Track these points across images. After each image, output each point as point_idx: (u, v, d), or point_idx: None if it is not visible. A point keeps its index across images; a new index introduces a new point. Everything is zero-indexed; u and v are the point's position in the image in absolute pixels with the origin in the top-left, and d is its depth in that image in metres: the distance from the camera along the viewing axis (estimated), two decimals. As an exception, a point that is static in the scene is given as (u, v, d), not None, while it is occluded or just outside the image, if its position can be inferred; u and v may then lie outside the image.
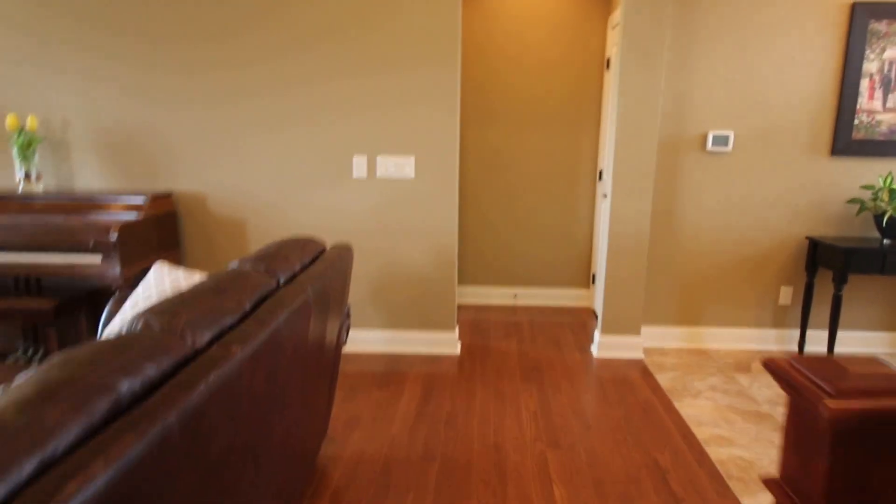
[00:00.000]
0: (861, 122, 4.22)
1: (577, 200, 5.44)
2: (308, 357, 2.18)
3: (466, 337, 4.75)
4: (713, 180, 4.30)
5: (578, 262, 5.55)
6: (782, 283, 4.44)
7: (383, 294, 4.33)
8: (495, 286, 5.63)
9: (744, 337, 4.51)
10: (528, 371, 4.09)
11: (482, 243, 5.55)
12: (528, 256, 5.56)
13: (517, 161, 5.39)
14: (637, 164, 4.05)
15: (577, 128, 5.32)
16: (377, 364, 4.18)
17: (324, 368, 2.54)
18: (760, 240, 4.38)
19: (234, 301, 1.76)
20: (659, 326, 4.54)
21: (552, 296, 5.61)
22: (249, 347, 1.56)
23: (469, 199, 5.48)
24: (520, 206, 5.47)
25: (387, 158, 4.13)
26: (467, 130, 5.36)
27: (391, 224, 4.22)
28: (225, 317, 1.67)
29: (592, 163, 5.37)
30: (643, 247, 4.16)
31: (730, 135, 4.21)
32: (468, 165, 5.41)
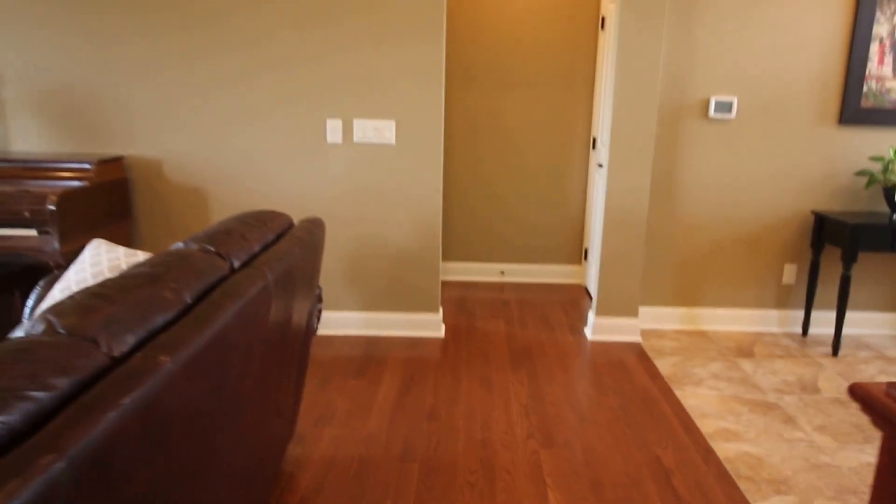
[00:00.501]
0: (870, 90, 3.92)
1: (569, 170, 5.12)
2: (269, 353, 1.86)
3: (451, 317, 4.44)
4: (715, 150, 3.99)
5: (570, 236, 5.24)
6: (786, 260, 4.16)
7: (361, 272, 4.01)
8: (482, 262, 5.32)
9: (745, 318, 4.24)
10: (517, 356, 3.80)
11: (468, 216, 5.22)
12: (517, 231, 5.25)
13: (505, 127, 5.05)
14: (636, 131, 3.73)
15: (570, 92, 4.98)
16: (354, 348, 3.86)
17: (289, 363, 2.22)
18: (763, 215, 4.09)
19: (171, 292, 1.43)
20: (656, 307, 4.26)
21: (542, 272, 5.31)
22: (185, 354, 1.23)
23: (454, 168, 5.14)
24: (508, 177, 5.14)
25: (365, 122, 3.78)
26: (452, 94, 5.00)
27: (370, 194, 3.88)
28: (157, 314, 1.34)
29: (586, 130, 5.04)
30: (641, 222, 3.86)
31: (733, 101, 3.90)
32: (452, 132, 5.07)
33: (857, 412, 3.20)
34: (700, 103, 3.94)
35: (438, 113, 3.76)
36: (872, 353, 3.96)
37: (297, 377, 2.50)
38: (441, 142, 3.80)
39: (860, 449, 2.86)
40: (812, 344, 4.06)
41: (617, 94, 3.71)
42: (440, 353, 3.80)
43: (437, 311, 4.06)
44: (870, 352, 3.97)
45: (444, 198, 5.19)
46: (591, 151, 5.05)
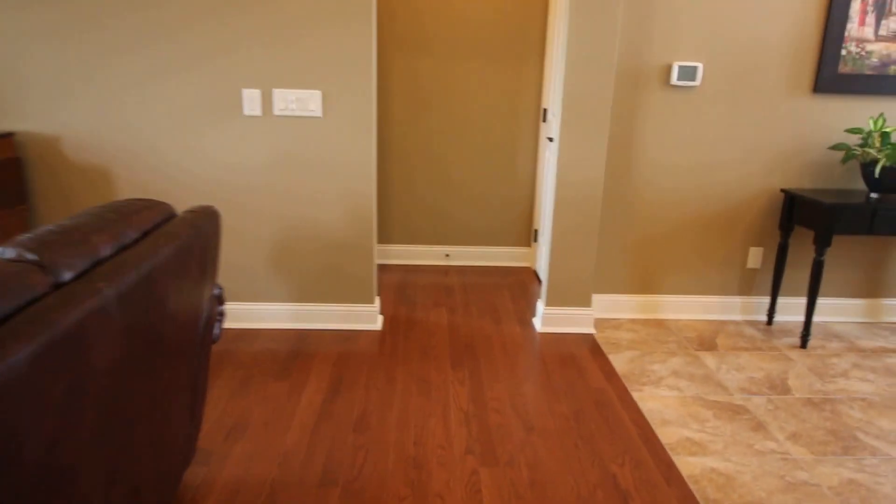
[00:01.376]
0: (849, 53, 3.59)
1: (518, 145, 4.73)
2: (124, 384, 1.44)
3: (390, 306, 4.04)
4: (677, 122, 3.63)
5: (519, 216, 4.87)
6: (752, 243, 3.85)
7: (288, 260, 3.58)
8: (425, 244, 4.92)
9: (706, 306, 3.93)
10: (459, 351, 3.43)
11: (410, 195, 4.81)
12: (463, 210, 4.85)
13: (449, 98, 4.63)
14: (590, 100, 3.35)
15: (519, 59, 4.57)
16: (281, 344, 3.45)
17: (173, 386, 1.80)
18: (728, 193, 3.76)
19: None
20: (610, 294, 3.92)
21: (489, 255, 4.94)
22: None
23: (393, 143, 4.71)
24: (454, 153, 4.73)
25: (286, 92, 3.33)
26: (391, 62, 4.55)
27: (294, 174, 3.45)
28: None
29: (536, 101, 4.65)
30: (596, 202, 3.50)
31: (698, 67, 3.54)
32: (391, 103, 4.63)
33: (832, 416, 2.91)
34: (661, 69, 3.57)
35: (370, 82, 3.33)
36: (843, 343, 3.68)
37: (192, 395, 2.09)
38: (374, 115, 3.38)
39: (839, 462, 2.56)
40: (778, 334, 3.77)
41: (569, 59, 3.31)
42: (375, 349, 3.41)
43: (374, 302, 3.67)
44: (840, 342, 3.69)
45: (385, 175, 4.77)
46: (542, 124, 4.66)
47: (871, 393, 3.13)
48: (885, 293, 3.97)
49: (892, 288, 3.97)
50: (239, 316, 3.63)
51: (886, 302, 3.98)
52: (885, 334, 3.83)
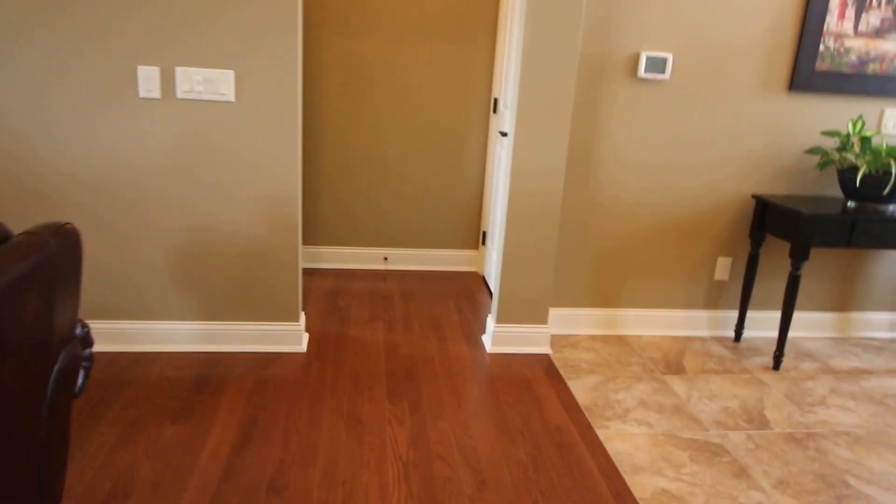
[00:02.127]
0: (827, 49, 3.26)
1: (466, 137, 4.28)
2: None
3: (318, 321, 3.55)
4: (644, 119, 3.24)
5: (465, 216, 4.43)
6: (720, 253, 3.50)
7: (195, 271, 3.05)
8: (362, 247, 4.43)
9: (670, 321, 3.57)
10: (398, 378, 2.97)
11: (344, 192, 4.31)
12: (404, 209, 4.38)
13: (391, 84, 4.14)
14: (550, 92, 2.92)
15: (468, 40, 4.11)
16: (185, 372, 2.92)
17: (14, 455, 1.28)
18: (698, 198, 3.39)
19: None
20: (567, 308, 3.51)
21: (432, 258, 4.48)
22: None
23: (326, 133, 4.19)
24: (393, 144, 4.25)
25: (192, 71, 2.79)
26: (324, 41, 4.03)
27: (203, 170, 2.92)
28: None
29: (486, 88, 4.20)
30: (555, 208, 3.08)
31: (668, 58, 3.15)
32: (325, 89, 4.11)
33: (818, 456, 2.57)
34: (628, 59, 3.16)
35: (295, 63, 2.82)
36: (816, 364, 3.37)
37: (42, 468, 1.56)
38: (298, 102, 2.87)
39: (841, 523, 2.21)
40: (748, 352, 3.43)
41: (527, 43, 2.87)
42: (299, 377, 2.92)
43: (298, 320, 3.17)
44: (813, 362, 3.38)
45: (316, 169, 4.25)
46: (492, 116, 4.21)
47: (855, 425, 2.81)
48: (854, 307, 3.69)
49: (861, 301, 3.69)
50: (134, 338, 3.08)
51: (856, 316, 3.70)
52: (857, 351, 3.54)
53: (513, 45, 3.67)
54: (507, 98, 3.83)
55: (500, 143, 4.00)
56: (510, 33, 3.79)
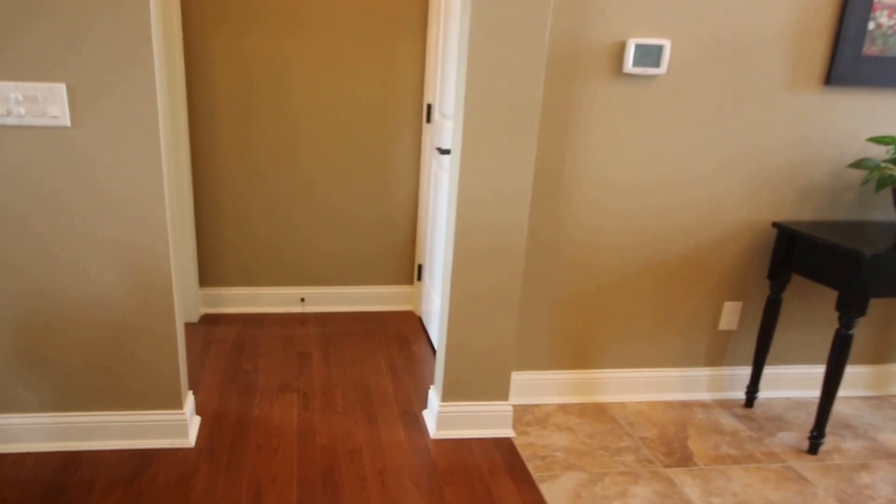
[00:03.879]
0: (879, 28, 2.55)
1: (393, 153, 3.50)
2: None
3: (214, 394, 2.74)
4: (630, 127, 2.52)
5: (396, 247, 3.65)
6: (727, 296, 2.81)
7: (39, 351, 2.24)
8: (273, 286, 3.61)
9: (663, 382, 2.87)
10: (313, 488, 2.21)
11: (250, 222, 3.47)
12: (321, 240, 3.58)
13: (299, 91, 3.32)
14: (509, 95, 2.18)
15: (392, 33, 3.31)
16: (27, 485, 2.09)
17: None
18: (698, 227, 2.69)
19: None
20: (532, 372, 2.79)
21: (358, 297, 3.70)
22: None
23: (224, 152, 3.35)
24: (306, 164, 3.44)
25: (5, 87, 1.95)
26: (207, 39, 3.17)
27: (34, 217, 2.09)
28: None
29: (416, 92, 3.42)
30: (517, 247, 2.34)
31: (664, 46, 2.42)
32: (215, 99, 3.26)
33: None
34: (611, 50, 2.43)
35: (150, 69, 2.01)
36: (862, 441, 2.68)
37: None
38: (160, 120, 2.07)
39: None
40: (768, 424, 2.75)
41: (475, 33, 2.11)
42: (181, 490, 2.12)
43: (181, 406, 2.37)
44: (857, 438, 2.69)
45: (213, 197, 3.41)
46: (425, 126, 3.42)
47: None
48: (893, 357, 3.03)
49: None
50: (-51, 448, 2.24)
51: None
52: (901, 416, 2.88)
53: (450, 36, 2.89)
54: (444, 105, 3.06)
55: (437, 161, 3.22)
56: (445, 21, 3.01)
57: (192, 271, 3.35)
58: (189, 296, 3.38)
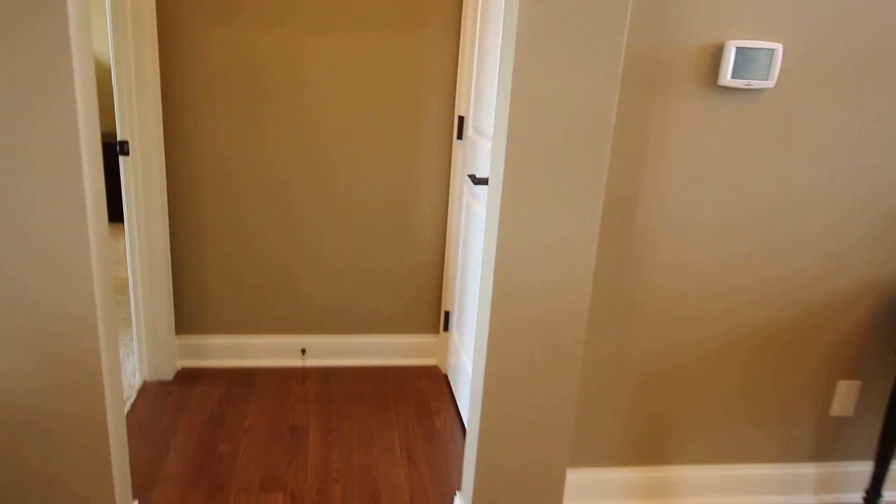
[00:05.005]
0: None
1: (415, 174, 2.88)
2: None
3: (173, 493, 2.12)
4: (723, 156, 1.87)
5: (419, 290, 3.03)
6: (841, 374, 2.14)
7: None
8: (267, 334, 3.01)
9: (756, 482, 2.21)
10: None
11: (240, 259, 2.87)
12: (326, 282, 2.96)
13: (302, 98, 2.72)
14: (571, 115, 1.55)
15: (417, 27, 2.71)
16: None
17: None
18: (806, 285, 2.03)
19: None
20: (589, 469, 2.13)
21: (371, 348, 3.08)
22: None
23: (208, 175, 2.75)
24: (309, 188, 2.83)
25: None
26: (188, 31, 2.58)
27: None
28: None
29: (446, 102, 2.80)
30: (576, 321, 1.70)
31: (774, 50, 1.76)
32: (204, 110, 2.67)
33: None
34: (701, 55, 1.78)
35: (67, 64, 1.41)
36: None
37: None
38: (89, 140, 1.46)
39: None
40: (889, 539, 2.08)
41: (524, 24, 1.48)
42: None
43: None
44: None
45: (194, 228, 2.80)
46: (455, 143, 2.82)
47: None
48: None
49: None
50: None
51: None
52: None
53: (489, 32, 2.28)
54: (479, 119, 2.44)
55: (468, 188, 2.61)
56: (484, 13, 2.40)
57: (164, 316, 2.76)
58: (160, 348, 2.78)
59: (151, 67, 2.45)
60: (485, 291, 1.75)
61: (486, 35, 2.37)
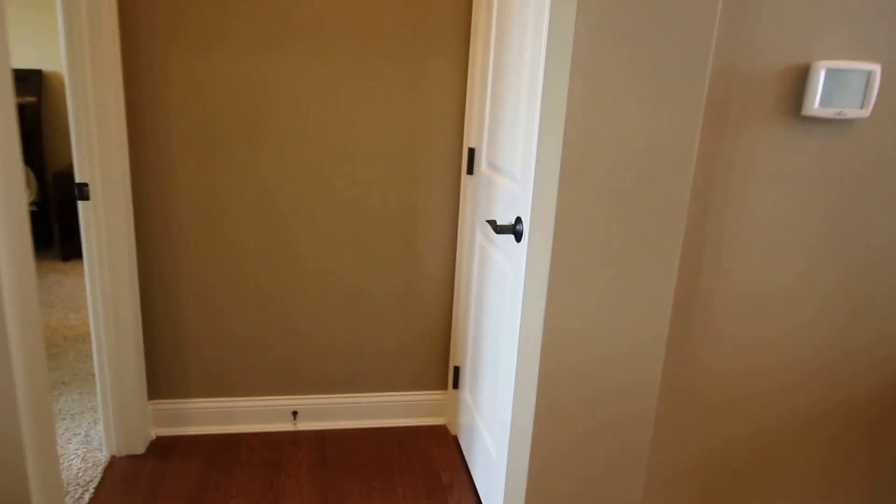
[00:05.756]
0: None
1: (418, 214, 2.55)
2: None
3: None
4: (808, 203, 1.55)
5: (424, 342, 2.69)
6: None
7: None
8: (253, 396, 2.65)
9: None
10: None
11: (220, 312, 2.52)
12: (321, 335, 2.61)
13: (289, 128, 2.38)
14: (639, 162, 1.23)
15: (416, 48, 2.39)
16: None
17: None
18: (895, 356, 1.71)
19: None
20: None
21: (371, 409, 2.73)
22: None
23: (185, 215, 2.40)
24: (297, 232, 2.49)
25: None
26: (160, 56, 2.24)
27: None
28: None
29: (453, 132, 2.48)
30: (641, 426, 1.37)
31: (872, 71, 1.45)
32: (174, 141, 2.32)
33: None
34: (783, 79, 1.47)
35: None
36: None
37: None
38: None
39: None
40: None
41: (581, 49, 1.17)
42: None
43: None
44: None
45: (169, 276, 2.45)
46: (465, 178, 2.49)
47: None
48: None
49: None
50: None
51: None
52: None
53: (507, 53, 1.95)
54: (495, 153, 2.11)
55: (482, 230, 2.28)
56: (499, 32, 2.08)
57: (134, 378, 2.39)
58: (130, 415, 2.41)
59: (114, 99, 2.11)
60: (525, 373, 1.42)
61: (502, 57, 2.06)
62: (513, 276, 1.86)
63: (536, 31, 1.61)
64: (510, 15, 1.97)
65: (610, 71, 1.20)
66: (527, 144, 1.72)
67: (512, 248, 1.88)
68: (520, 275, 1.74)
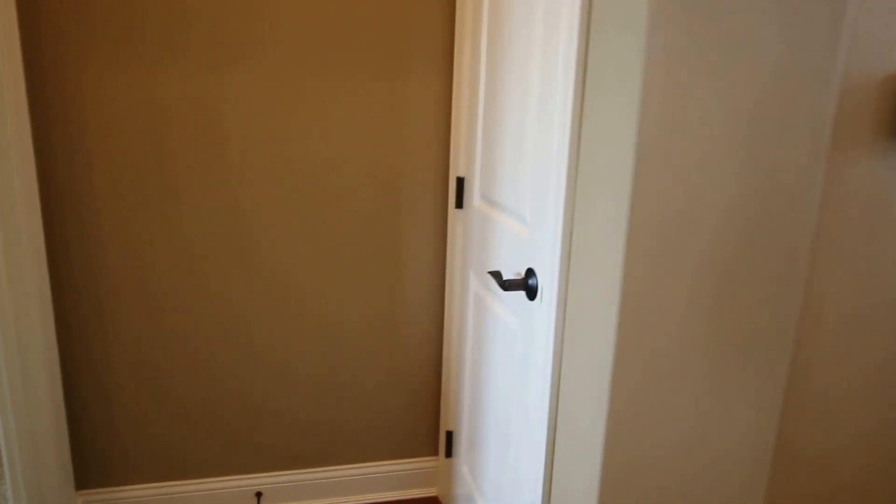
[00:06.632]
0: None
1: (399, 254, 2.16)
2: None
3: None
4: None
5: (410, 405, 2.29)
6: None
7: None
8: (208, 477, 2.22)
9: None
10: None
11: (164, 378, 2.09)
12: (288, 399, 2.20)
13: (246, 157, 1.97)
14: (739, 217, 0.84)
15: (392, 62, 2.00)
16: None
17: None
18: None
19: None
20: None
21: (350, 483, 2.32)
22: None
23: (111, 262, 1.97)
24: (256, 277, 2.07)
25: None
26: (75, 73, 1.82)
27: None
28: None
29: (436, 160, 2.10)
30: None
31: None
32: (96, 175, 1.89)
33: None
34: (886, 88, 1.10)
35: None
36: None
37: None
38: None
39: None
40: None
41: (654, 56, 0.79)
42: None
43: None
44: None
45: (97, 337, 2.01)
46: (452, 212, 2.10)
47: None
48: None
49: None
50: None
51: None
52: None
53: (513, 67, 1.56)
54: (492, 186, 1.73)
55: (476, 278, 1.89)
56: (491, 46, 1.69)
57: (54, 464, 1.94)
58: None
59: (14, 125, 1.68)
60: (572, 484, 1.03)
61: (499, 73, 1.67)
62: (525, 342, 1.47)
63: (548, 39, 1.24)
64: (509, 22, 1.59)
65: (699, 84, 0.82)
66: (540, 179, 1.34)
67: (522, 306, 1.49)
68: (535, 342, 1.36)
